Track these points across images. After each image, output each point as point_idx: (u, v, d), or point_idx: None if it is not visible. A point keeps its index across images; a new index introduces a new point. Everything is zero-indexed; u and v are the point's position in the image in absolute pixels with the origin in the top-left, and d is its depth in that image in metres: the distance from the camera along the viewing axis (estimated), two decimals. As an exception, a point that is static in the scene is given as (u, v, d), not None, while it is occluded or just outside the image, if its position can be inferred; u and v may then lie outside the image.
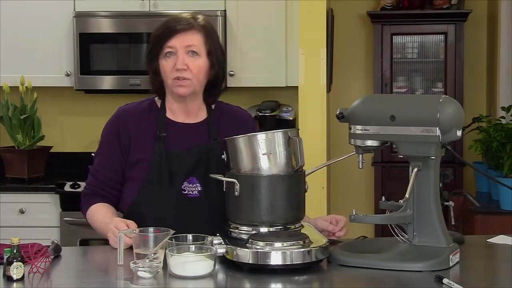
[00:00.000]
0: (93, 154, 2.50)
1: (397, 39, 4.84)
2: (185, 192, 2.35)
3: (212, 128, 2.42)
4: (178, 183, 2.35)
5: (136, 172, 2.38)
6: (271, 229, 2.13)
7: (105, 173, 2.41)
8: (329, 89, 4.20)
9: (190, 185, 2.35)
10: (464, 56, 4.75)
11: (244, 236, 2.10)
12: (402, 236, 2.15)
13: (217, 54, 2.39)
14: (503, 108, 4.09)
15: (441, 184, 2.19)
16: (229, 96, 2.53)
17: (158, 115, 2.41)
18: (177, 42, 2.33)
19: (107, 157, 2.42)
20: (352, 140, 2.18)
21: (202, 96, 2.44)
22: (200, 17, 2.40)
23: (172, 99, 2.42)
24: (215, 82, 2.42)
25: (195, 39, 2.34)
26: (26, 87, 4.24)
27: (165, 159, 2.34)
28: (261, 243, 2.03)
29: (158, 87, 2.42)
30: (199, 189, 2.36)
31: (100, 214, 2.36)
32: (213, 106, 2.48)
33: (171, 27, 2.34)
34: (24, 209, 4.11)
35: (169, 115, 2.43)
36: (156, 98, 2.47)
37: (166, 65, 2.34)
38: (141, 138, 2.39)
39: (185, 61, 2.32)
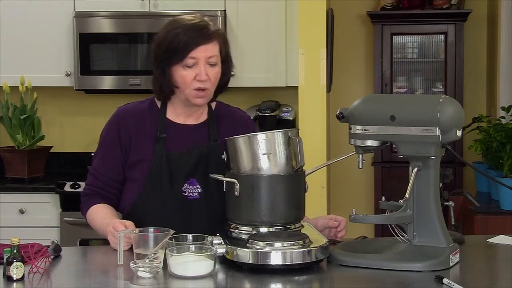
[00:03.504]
0: (93, 154, 2.49)
1: (397, 39, 4.83)
2: (186, 194, 2.35)
3: (212, 130, 2.42)
4: (178, 184, 2.34)
5: (136, 172, 2.38)
6: (271, 229, 2.13)
7: (106, 172, 2.40)
8: (329, 89, 4.19)
9: (191, 186, 2.35)
10: (464, 56, 4.75)
11: (244, 236, 2.10)
12: (402, 236, 2.15)
13: (229, 61, 2.41)
14: (503, 108, 4.09)
15: (441, 184, 2.19)
16: (229, 96, 2.52)
17: (159, 116, 2.41)
18: (200, 54, 2.30)
19: (108, 156, 2.41)
20: (352, 140, 2.18)
21: None
22: (210, 22, 2.37)
23: (180, 104, 2.41)
24: (223, 86, 2.43)
25: (215, 50, 2.33)
26: (26, 87, 4.24)
27: (165, 161, 2.34)
28: (261, 243, 2.03)
29: (167, 91, 2.37)
30: (200, 190, 2.35)
31: (100, 215, 2.36)
32: (213, 107, 2.48)
33: (194, 37, 2.30)
34: (24, 209, 4.11)
35: (169, 116, 2.42)
36: (156, 98, 2.46)
37: (187, 75, 2.31)
38: (141, 138, 2.39)
39: (206, 72, 2.32)
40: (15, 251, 1.96)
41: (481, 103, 4.93)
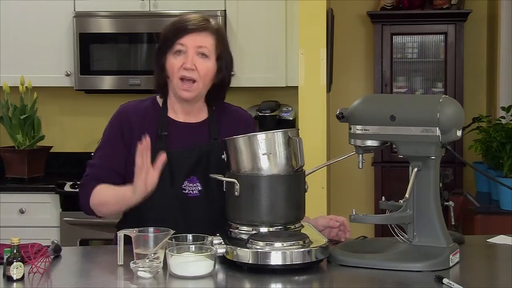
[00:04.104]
0: (92, 154, 2.48)
1: (397, 39, 4.83)
2: (186, 192, 2.35)
3: (213, 128, 2.42)
4: (178, 182, 2.34)
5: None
6: (271, 229, 2.13)
7: (108, 165, 2.36)
8: (329, 89, 4.19)
9: (191, 184, 2.35)
10: (464, 56, 4.74)
11: (244, 236, 2.10)
12: (402, 236, 2.15)
13: (226, 59, 2.39)
14: (503, 108, 4.09)
15: (441, 184, 2.19)
16: (229, 96, 2.52)
17: (160, 114, 2.41)
18: (189, 41, 2.32)
19: (110, 150, 2.38)
20: (352, 140, 2.18)
21: (204, 97, 2.43)
22: (213, 20, 2.39)
23: (174, 99, 2.42)
24: (221, 86, 2.42)
25: (207, 41, 2.34)
26: (26, 87, 4.25)
27: (166, 159, 2.34)
28: (261, 243, 2.03)
29: (162, 84, 2.40)
30: (200, 188, 2.36)
31: (110, 187, 2.29)
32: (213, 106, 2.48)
33: (184, 25, 2.33)
34: (24, 209, 4.11)
35: (170, 114, 2.43)
36: (157, 97, 2.47)
37: (174, 62, 2.33)
38: (143, 136, 2.38)
39: (194, 61, 2.32)
40: (15, 251, 1.96)
41: (481, 103, 4.93)
